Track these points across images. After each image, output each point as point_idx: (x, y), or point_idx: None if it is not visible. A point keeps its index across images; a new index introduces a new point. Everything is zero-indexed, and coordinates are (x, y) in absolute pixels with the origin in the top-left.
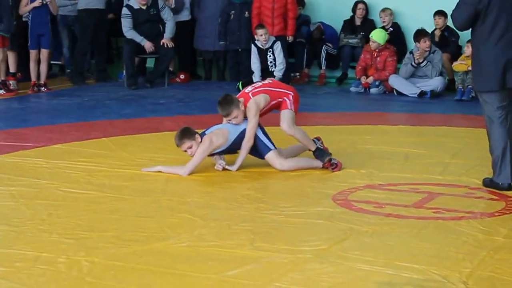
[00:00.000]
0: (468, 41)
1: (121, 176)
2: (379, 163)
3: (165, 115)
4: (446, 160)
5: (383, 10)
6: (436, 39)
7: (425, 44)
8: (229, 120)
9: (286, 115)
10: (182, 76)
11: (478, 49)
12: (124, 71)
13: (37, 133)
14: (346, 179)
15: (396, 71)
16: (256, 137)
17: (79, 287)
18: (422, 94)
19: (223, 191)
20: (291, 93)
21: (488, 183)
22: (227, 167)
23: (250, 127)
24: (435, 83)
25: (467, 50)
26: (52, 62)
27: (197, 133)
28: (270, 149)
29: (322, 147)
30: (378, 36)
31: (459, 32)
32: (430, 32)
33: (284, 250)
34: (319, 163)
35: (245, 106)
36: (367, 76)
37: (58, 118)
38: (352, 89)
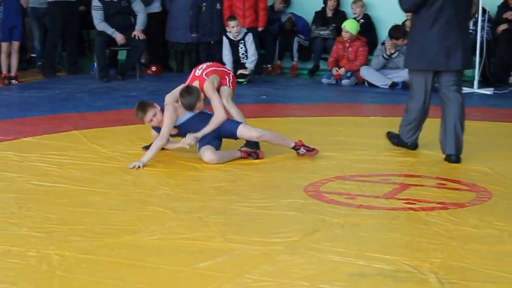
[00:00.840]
0: None
1: (92, 169)
2: (351, 154)
3: None
4: (418, 151)
5: (355, 1)
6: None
7: (403, 42)
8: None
9: (224, 91)
10: (153, 68)
11: (421, 32)
12: (95, 64)
13: (7, 126)
14: (317, 171)
15: (367, 61)
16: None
17: (49, 280)
18: (393, 85)
19: (194, 183)
20: (230, 72)
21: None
22: (194, 134)
23: (215, 102)
24: (406, 74)
25: None
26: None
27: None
28: (238, 124)
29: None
30: (350, 26)
31: None
32: (401, 23)
33: (256, 242)
34: (291, 143)
35: (202, 88)
36: (339, 67)
37: (29, 111)
38: (324, 80)
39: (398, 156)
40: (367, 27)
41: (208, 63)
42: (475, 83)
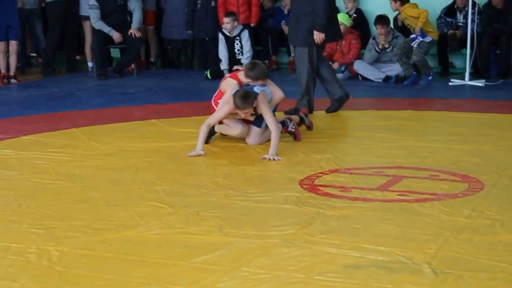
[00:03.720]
0: None
1: (91, 166)
2: (345, 147)
3: (135, 104)
4: (411, 143)
5: None
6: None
7: (378, 31)
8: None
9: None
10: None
11: (331, 10)
12: (88, 62)
13: (7, 124)
14: (312, 164)
15: (360, 54)
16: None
17: (49, 276)
18: (386, 79)
19: (192, 178)
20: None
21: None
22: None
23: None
24: (399, 67)
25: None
26: None
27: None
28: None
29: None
30: (344, 18)
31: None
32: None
33: (252, 235)
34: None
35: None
36: (332, 62)
37: (28, 110)
38: None
39: (391, 148)
40: (360, 21)
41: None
42: (467, 75)
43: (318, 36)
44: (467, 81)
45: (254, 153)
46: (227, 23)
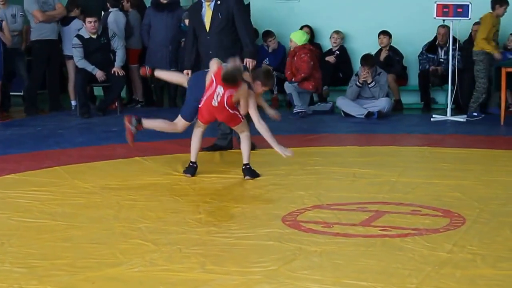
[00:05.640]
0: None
1: (74, 204)
2: (328, 183)
3: (118, 142)
4: (393, 179)
5: (337, 32)
6: (381, 59)
7: (365, 71)
8: None
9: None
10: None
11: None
12: (72, 101)
13: None
14: (295, 200)
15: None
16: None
17: None
18: (369, 115)
19: (175, 215)
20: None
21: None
22: None
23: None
24: (381, 103)
25: None
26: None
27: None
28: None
29: None
30: (295, 36)
31: (403, 52)
32: (375, 53)
33: (235, 272)
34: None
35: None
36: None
37: (11, 148)
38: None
39: (373, 184)
40: (343, 58)
41: None
42: (448, 110)
43: (251, 63)
44: (448, 117)
45: (237, 189)
46: None
